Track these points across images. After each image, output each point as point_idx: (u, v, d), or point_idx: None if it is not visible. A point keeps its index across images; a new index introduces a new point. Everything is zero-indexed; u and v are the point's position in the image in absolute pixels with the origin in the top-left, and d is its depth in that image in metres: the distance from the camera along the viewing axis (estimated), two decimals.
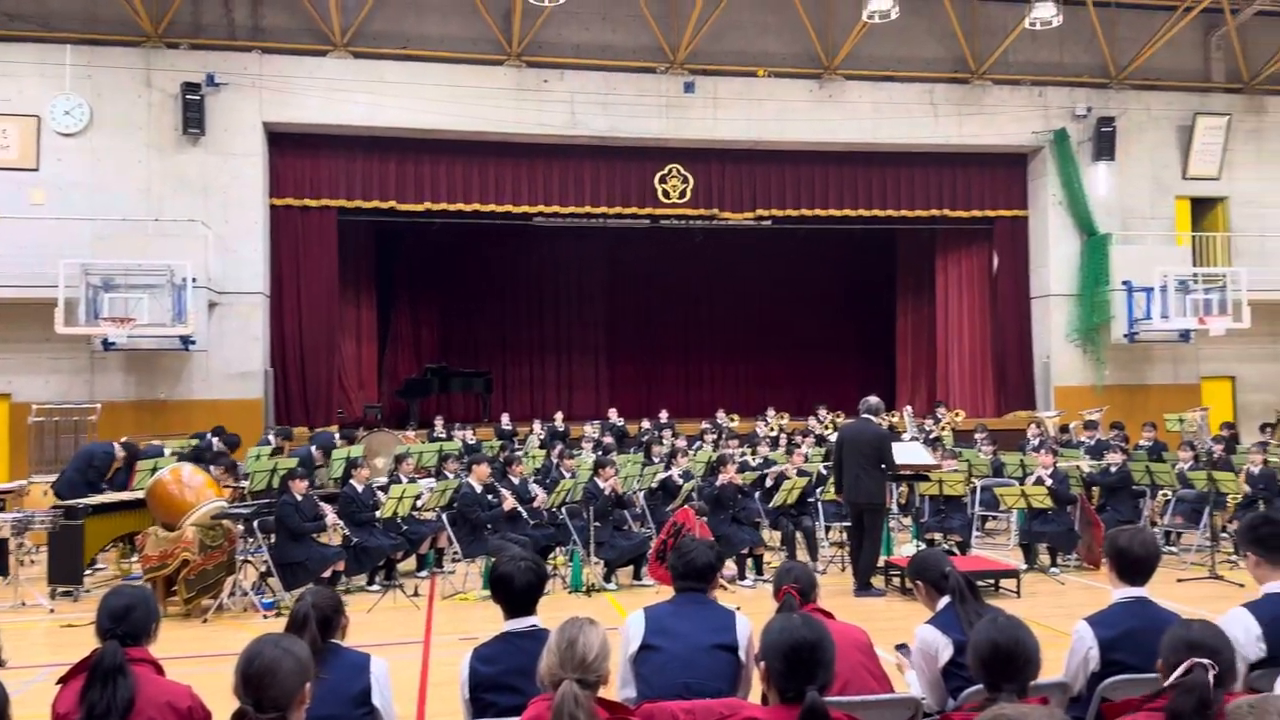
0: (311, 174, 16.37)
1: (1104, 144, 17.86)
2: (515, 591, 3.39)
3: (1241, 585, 8.39)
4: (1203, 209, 18.87)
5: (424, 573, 9.85)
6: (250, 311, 15.57)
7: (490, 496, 9.45)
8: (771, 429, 16.39)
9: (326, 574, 8.64)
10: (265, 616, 8.26)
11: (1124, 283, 17.03)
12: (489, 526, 9.26)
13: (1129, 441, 13.34)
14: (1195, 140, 18.26)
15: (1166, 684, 2.63)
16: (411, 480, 10.11)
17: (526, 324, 22.57)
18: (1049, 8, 15.76)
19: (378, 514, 9.27)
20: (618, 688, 3.60)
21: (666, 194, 17.41)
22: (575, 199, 17.15)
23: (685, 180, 17.44)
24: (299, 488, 8.86)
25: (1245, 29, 18.48)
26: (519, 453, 11.94)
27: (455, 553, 9.38)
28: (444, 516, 9.40)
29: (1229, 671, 2.66)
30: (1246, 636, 3.36)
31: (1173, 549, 10.59)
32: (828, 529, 10.92)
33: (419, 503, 9.71)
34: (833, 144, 17.52)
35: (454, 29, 16.76)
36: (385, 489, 9.75)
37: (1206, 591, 8.51)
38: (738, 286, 23.48)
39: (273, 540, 8.82)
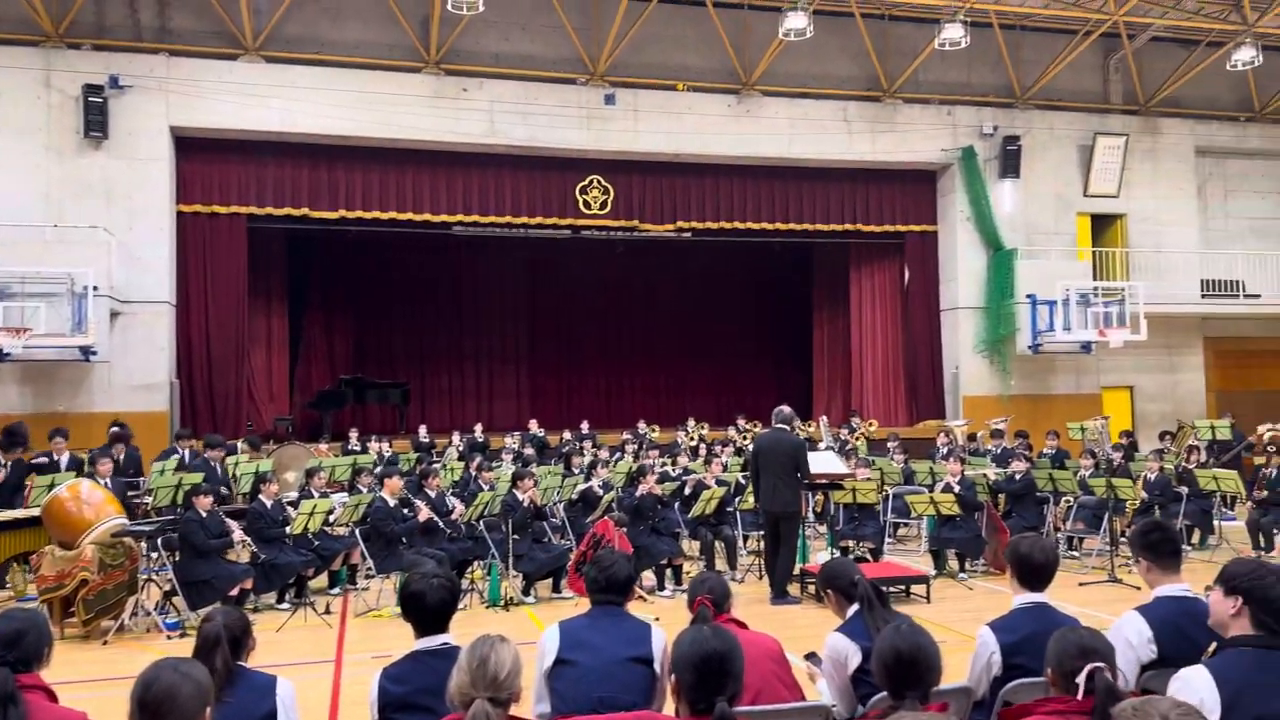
0: (221, 180, 15.92)
1: (1009, 162, 18.48)
2: (428, 609, 3.33)
3: (1139, 588, 8.72)
4: (1102, 225, 19.66)
5: (336, 590, 9.64)
6: (155, 321, 15.05)
7: (405, 510, 9.30)
8: (692, 439, 16.52)
9: (234, 592, 8.39)
10: (169, 637, 7.98)
11: (1028, 296, 17.63)
12: (404, 541, 9.11)
13: (1033, 449, 13.79)
14: (1095, 159, 19.03)
15: (1082, 691, 2.70)
16: (323, 495, 9.89)
17: (445, 334, 22.30)
18: (957, 29, 16.27)
19: (288, 530, 9.04)
20: (532, 704, 3.57)
21: (587, 205, 17.42)
22: (495, 208, 17.03)
23: (606, 191, 17.49)
24: (203, 504, 8.59)
25: (1141, 53, 19.37)
26: (436, 465, 11.78)
27: (369, 569, 9.20)
28: (357, 532, 9.21)
29: (1115, 675, 2.78)
30: (1139, 639, 3.49)
31: (1075, 554, 10.99)
32: (746, 538, 11.03)
33: (331, 518, 9.50)
34: (751, 158, 17.78)
35: (371, 35, 16.53)
36: (296, 504, 9.50)
37: (1106, 594, 8.85)
38: (659, 297, 23.62)
39: (177, 558, 8.53)
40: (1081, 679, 2.72)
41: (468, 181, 16.88)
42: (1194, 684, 2.77)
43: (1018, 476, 11.04)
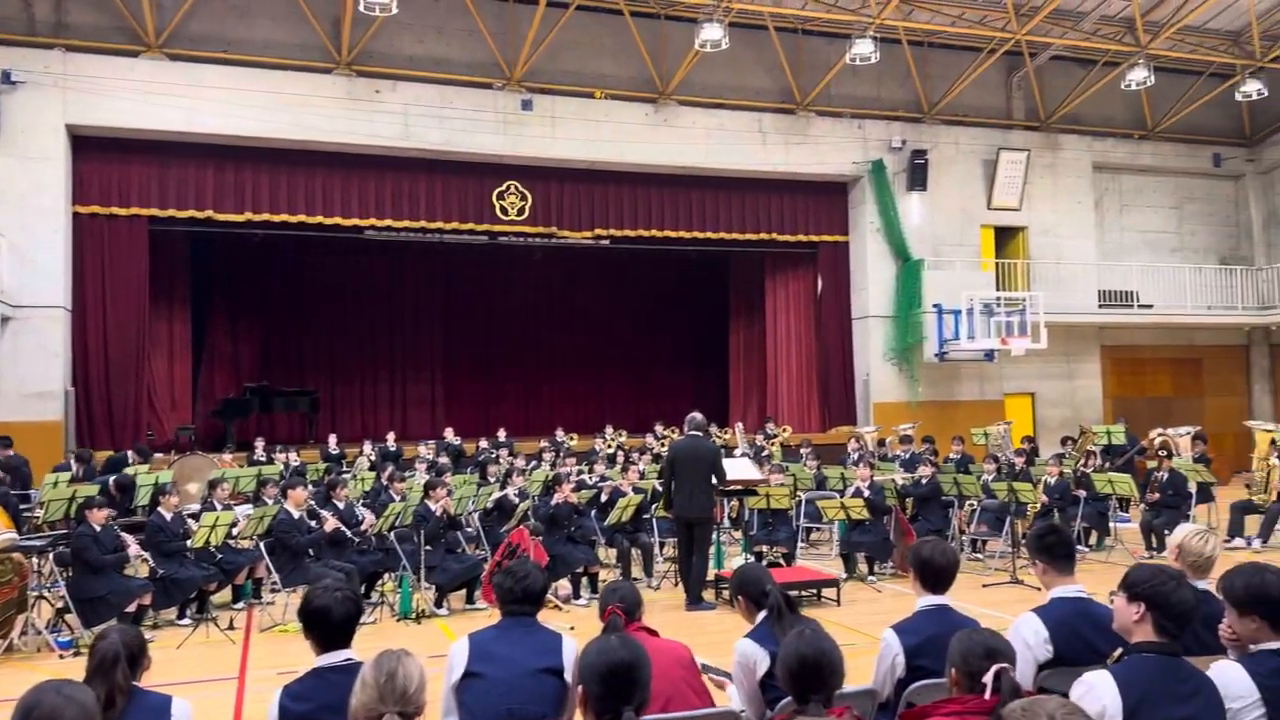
0: (121, 180, 15.33)
1: (917, 175, 19.00)
2: (333, 624, 3.24)
3: (1039, 589, 9.02)
4: (1005, 237, 20.34)
5: (240, 604, 9.35)
6: (49, 326, 14.40)
7: (311, 521, 9.07)
8: (609, 446, 16.50)
9: (131, 608, 8.06)
10: (62, 656, 7.63)
11: (935, 305, 18.14)
12: (310, 553, 8.88)
13: (939, 455, 14.18)
14: (998, 173, 19.69)
15: (989, 691, 2.75)
16: (226, 507, 9.59)
17: (357, 341, 21.84)
18: (867, 45, 16.66)
19: (189, 543, 8.73)
20: (440, 717, 3.52)
21: (505, 211, 17.30)
22: (409, 213, 16.77)
23: (524, 198, 17.39)
24: (97, 517, 8.22)
25: (1042, 72, 20.13)
26: (345, 475, 11.52)
27: (274, 582, 8.94)
28: (261, 544, 8.95)
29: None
30: (1036, 639, 3.60)
31: (978, 556, 11.32)
32: (662, 545, 11.06)
33: (234, 530, 9.20)
34: (668, 167, 17.90)
35: (281, 34, 16.14)
36: (197, 516, 9.19)
37: (1008, 595, 9.12)
38: (577, 304, 23.59)
39: (70, 574, 8.15)
40: (988, 679, 2.77)
41: (380, 185, 16.59)
42: (1098, 689, 2.83)
43: (924, 481, 11.33)
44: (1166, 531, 11.38)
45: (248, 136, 15.48)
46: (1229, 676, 2.97)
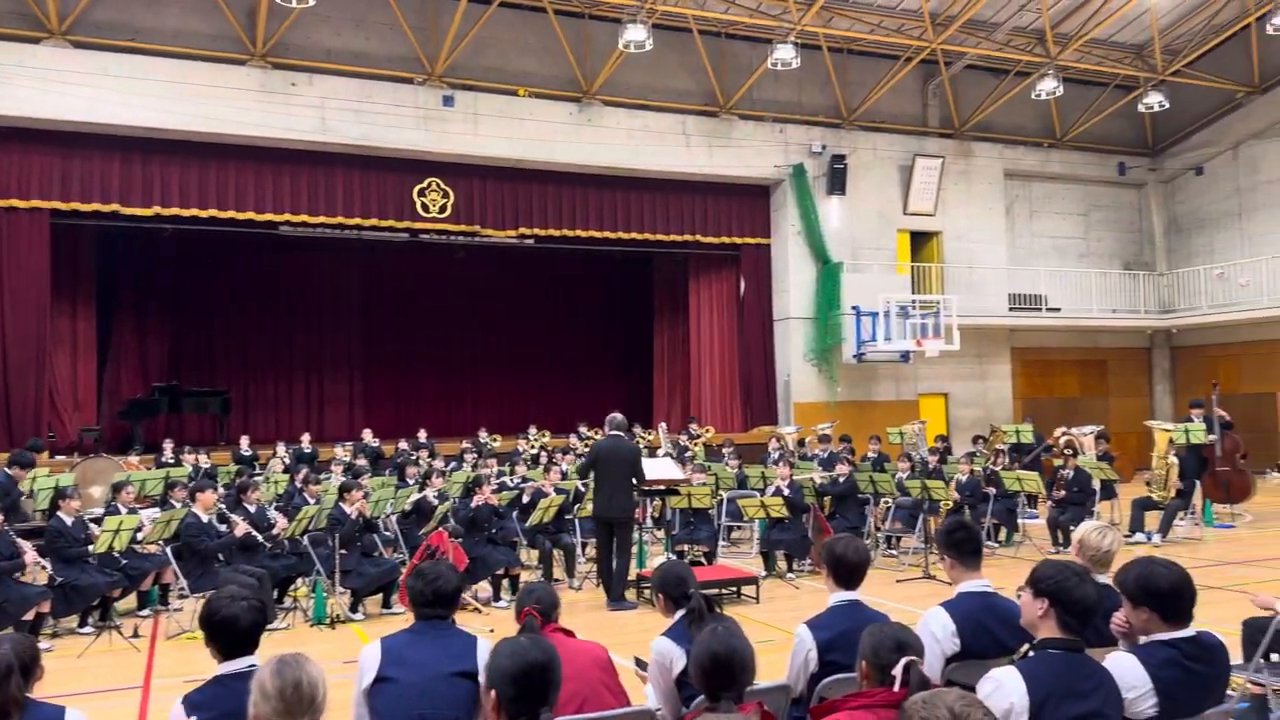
0: (20, 172, 14.65)
1: (836, 179, 19.34)
2: (241, 633, 3.15)
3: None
4: (920, 242, 20.84)
5: (146, 611, 9.04)
6: None
7: (221, 525, 8.80)
8: (533, 447, 16.41)
9: (29, 616, 7.71)
10: None
11: (853, 307, 18.47)
12: (220, 558, 8.62)
13: (855, 453, 14.45)
14: (914, 179, 20.16)
15: (899, 683, 2.79)
16: (131, 510, 9.24)
17: (272, 340, 21.29)
18: (788, 50, 16.89)
19: (91, 549, 8.40)
20: None
21: (425, 208, 17.05)
22: (326, 209, 16.41)
23: (445, 195, 17.16)
24: None
25: (957, 80, 20.67)
26: (257, 478, 11.22)
27: (182, 588, 8.65)
28: (168, 549, 8.66)
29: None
30: (943, 633, 3.68)
31: (893, 552, 11.56)
32: (584, 545, 11.03)
33: (139, 535, 8.88)
34: (592, 167, 17.87)
35: (192, 24, 15.64)
36: (100, 521, 8.84)
37: (921, 591, 9.33)
38: (501, 304, 23.40)
39: None
40: (898, 671, 2.82)
41: (296, 180, 16.19)
42: (1006, 686, 2.90)
43: (841, 479, 11.53)
44: (1072, 527, 11.78)
45: (156, 128, 14.96)
46: (1123, 667, 3.09)
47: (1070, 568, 3.20)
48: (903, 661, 2.84)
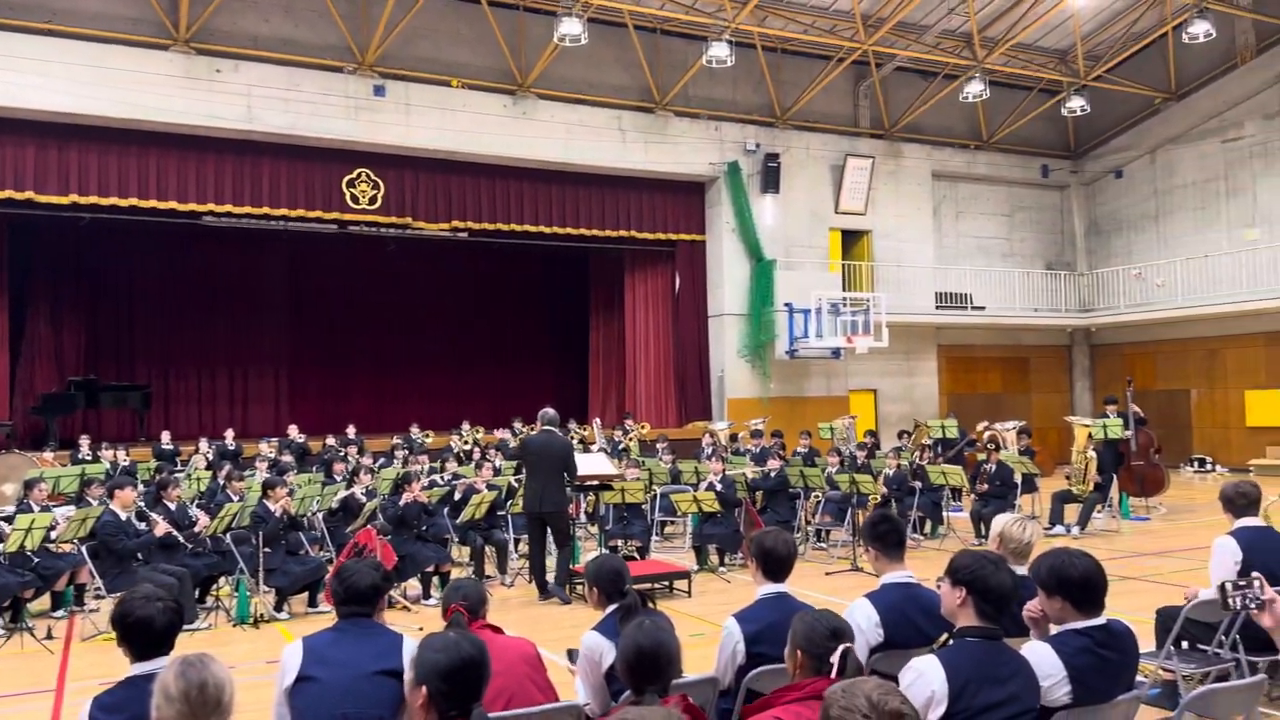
0: None
1: (770, 178, 19.52)
2: (156, 634, 3.05)
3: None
4: (851, 240, 21.15)
5: (61, 612, 8.73)
6: None
7: (140, 524, 8.55)
8: (466, 443, 16.25)
9: None
10: None
11: (786, 304, 18.69)
12: (138, 557, 8.36)
13: (787, 448, 14.61)
14: (845, 179, 20.44)
15: (836, 671, 2.81)
16: (45, 508, 8.92)
17: (195, 333, 20.70)
18: (723, 48, 16.99)
19: (1, 547, 8.08)
20: None
21: (355, 199, 16.74)
22: (252, 199, 15.99)
23: (376, 186, 16.88)
24: None
25: (887, 82, 21.01)
26: (178, 475, 10.92)
27: (98, 588, 8.38)
28: (83, 549, 8.37)
29: None
30: (868, 624, 3.75)
31: (823, 545, 11.72)
32: (517, 541, 10.98)
33: (53, 534, 8.57)
34: (527, 160, 17.74)
35: (111, 7, 15.13)
36: (11, 519, 8.51)
37: (850, 583, 9.46)
38: (434, 298, 23.11)
39: None
40: (835, 659, 2.85)
41: (221, 169, 15.75)
42: (927, 675, 2.96)
43: (773, 474, 11.65)
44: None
45: (74, 114, 14.44)
46: (1039, 656, 3.17)
47: (986, 556, 3.27)
48: (839, 649, 2.86)
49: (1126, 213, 22.88)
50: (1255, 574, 3.03)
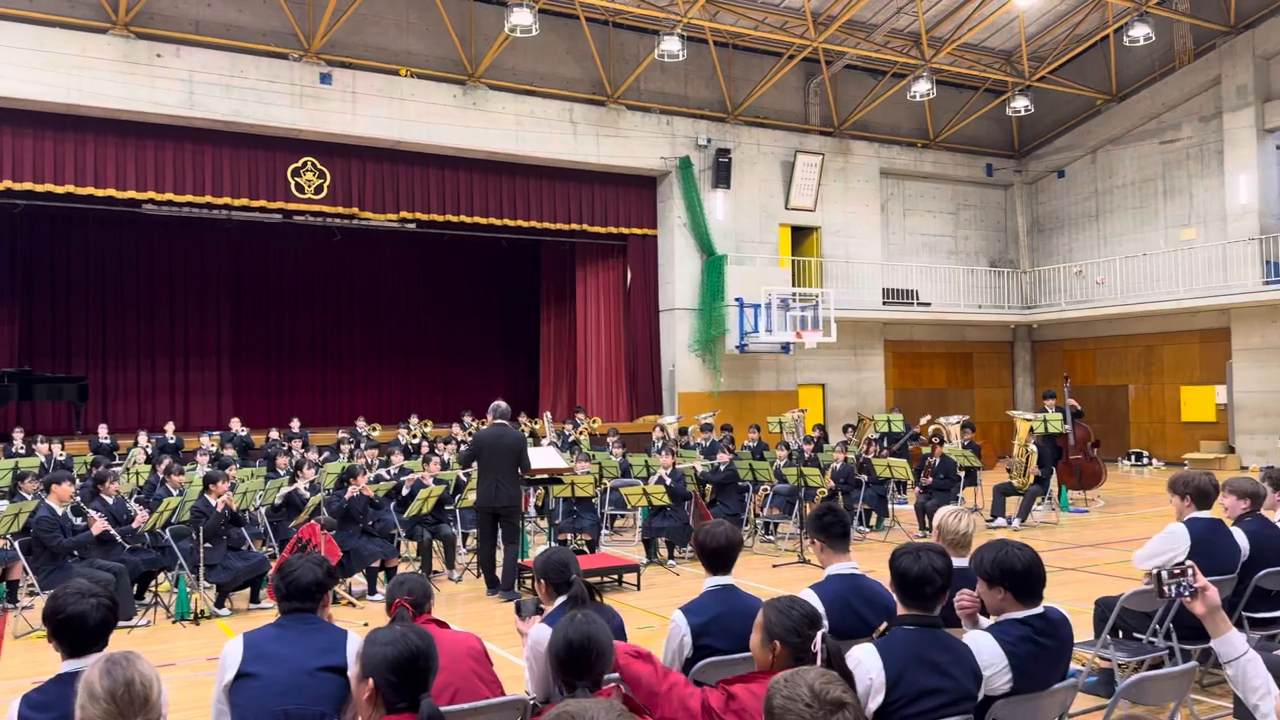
0: None
1: (721, 173, 19.59)
2: (89, 631, 2.98)
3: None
4: (801, 236, 21.32)
5: None
6: None
7: (76, 519, 8.32)
8: (414, 436, 16.09)
9: None
10: None
11: (736, 299, 18.79)
12: (74, 553, 8.14)
13: (736, 442, 14.69)
14: (796, 175, 20.60)
15: (819, 657, 2.81)
16: None
17: (134, 324, 20.23)
18: (675, 42, 17.00)
19: None
20: None
21: (300, 188, 16.47)
22: (194, 187, 15.66)
23: (322, 175, 16.62)
24: None
25: (837, 80, 21.20)
26: (116, 468, 10.65)
27: (32, 585, 8.15)
28: (16, 544, 8.12)
29: None
30: None
31: (771, 538, 11.81)
32: (465, 536, 10.89)
33: None
34: (477, 151, 17.60)
35: None
36: None
37: (797, 575, 9.55)
38: (382, 289, 22.86)
39: None
40: (817, 646, 2.84)
41: (161, 156, 15.39)
42: (865, 664, 3.01)
43: (722, 468, 11.71)
44: None
45: (8, 97, 14.03)
46: (980, 645, 3.23)
47: (908, 545, 3.32)
48: (819, 635, 2.87)
49: (1068, 211, 23.37)
50: (1190, 562, 3.10)
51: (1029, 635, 3.27)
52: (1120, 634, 5.42)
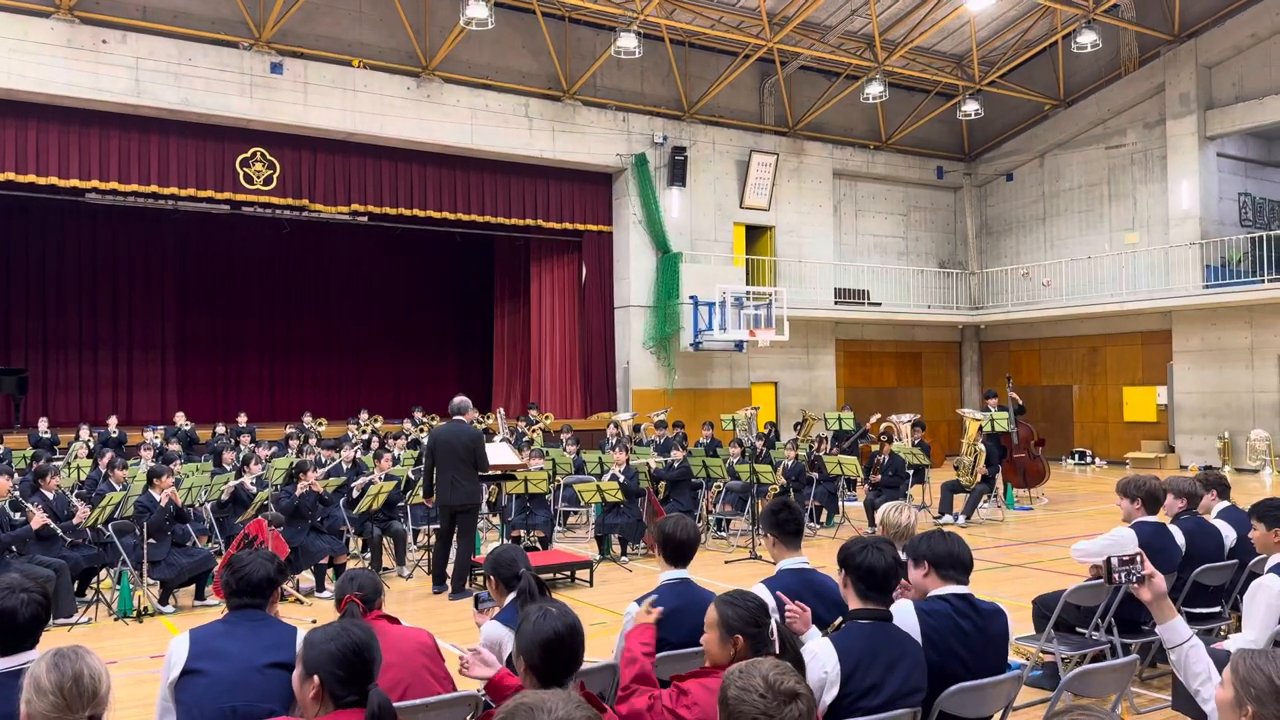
0: None
1: (677, 171, 19.64)
2: (19, 627, 2.90)
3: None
4: (755, 235, 21.46)
5: None
6: None
7: (15, 514, 8.09)
8: (364, 432, 15.90)
9: None
10: None
11: (691, 297, 18.85)
12: (13, 549, 7.92)
13: (689, 439, 14.75)
14: (750, 174, 20.72)
15: (778, 648, 2.90)
16: None
17: (76, 315, 19.74)
18: (631, 39, 17.00)
19: None
20: (156, 718, 3.26)
21: (249, 179, 16.18)
22: (140, 177, 15.32)
23: (271, 166, 16.34)
24: None
25: (791, 80, 21.36)
26: (57, 463, 10.39)
27: None
28: None
29: None
30: None
31: (723, 534, 11.88)
32: (416, 533, 10.80)
33: None
34: (431, 145, 17.43)
35: None
36: None
37: (748, 570, 9.61)
38: (332, 283, 22.56)
39: None
40: (774, 636, 2.94)
41: (106, 144, 15.03)
42: (820, 657, 3.06)
43: (675, 464, 11.75)
44: None
45: None
46: (900, 612, 3.34)
47: (861, 539, 3.38)
48: (774, 624, 2.96)
49: (1016, 214, 23.81)
50: (1139, 551, 3.22)
51: (947, 612, 3.36)
52: (1061, 630, 5.54)
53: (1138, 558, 3.19)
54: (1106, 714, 1.85)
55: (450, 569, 8.98)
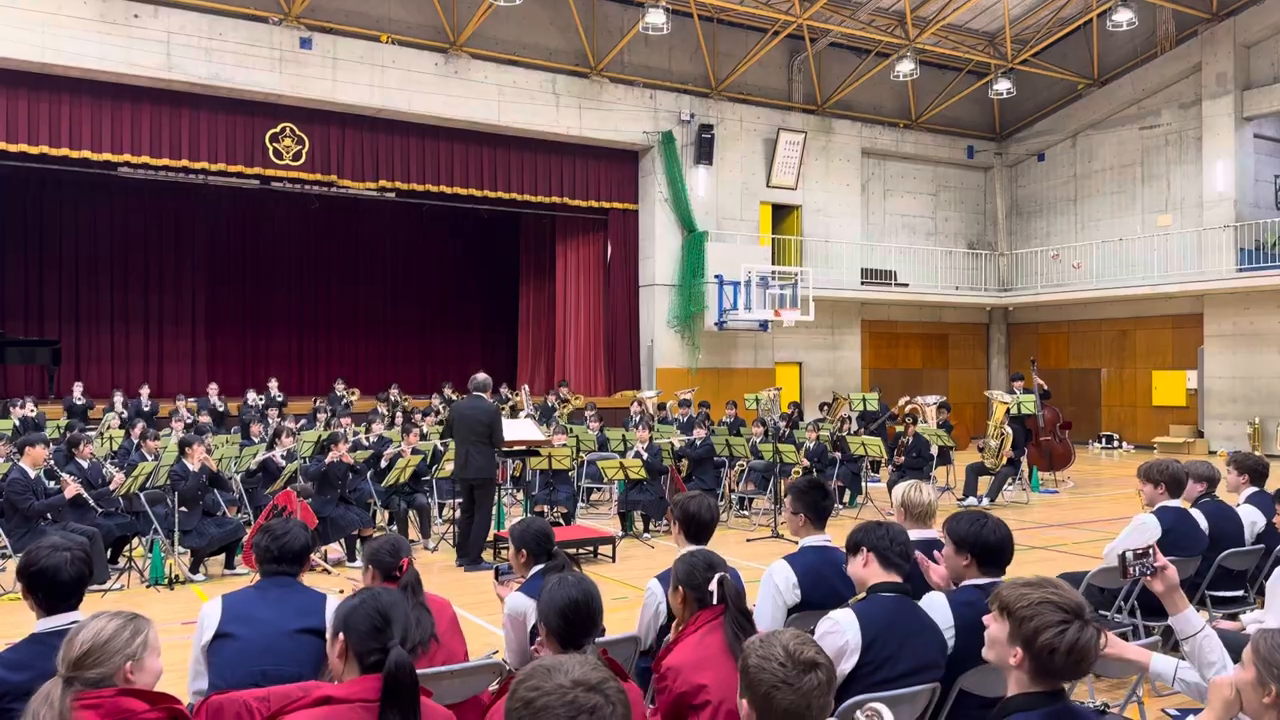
0: None
1: (704, 149, 19.54)
2: (61, 586, 2.98)
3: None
4: (781, 214, 21.34)
5: None
6: None
7: (50, 482, 8.27)
8: (392, 406, 16.07)
9: None
10: None
11: (716, 276, 18.80)
12: (48, 516, 8.10)
13: (713, 418, 14.77)
14: (778, 153, 20.57)
15: (715, 598, 3.06)
16: None
17: (108, 288, 20.00)
18: (659, 15, 16.89)
19: None
20: (189, 681, 3.35)
21: (279, 154, 16.28)
22: (171, 151, 15.45)
23: (300, 142, 16.43)
24: None
25: (821, 57, 21.16)
26: (91, 432, 10.58)
27: (4, 548, 8.11)
28: None
29: None
30: (786, 584, 3.84)
31: (745, 513, 11.92)
32: (442, 506, 10.92)
33: None
34: (458, 121, 17.45)
35: None
36: None
37: (770, 549, 9.64)
38: (361, 258, 22.70)
39: None
40: (714, 587, 3.07)
41: (138, 118, 15.17)
42: (842, 625, 3.10)
43: (699, 443, 11.78)
44: None
45: None
46: (933, 604, 3.34)
47: (878, 521, 3.48)
48: (715, 577, 3.08)
49: (1047, 195, 23.52)
50: (1152, 544, 3.25)
51: (976, 600, 3.35)
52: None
53: (1150, 550, 3.24)
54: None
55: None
